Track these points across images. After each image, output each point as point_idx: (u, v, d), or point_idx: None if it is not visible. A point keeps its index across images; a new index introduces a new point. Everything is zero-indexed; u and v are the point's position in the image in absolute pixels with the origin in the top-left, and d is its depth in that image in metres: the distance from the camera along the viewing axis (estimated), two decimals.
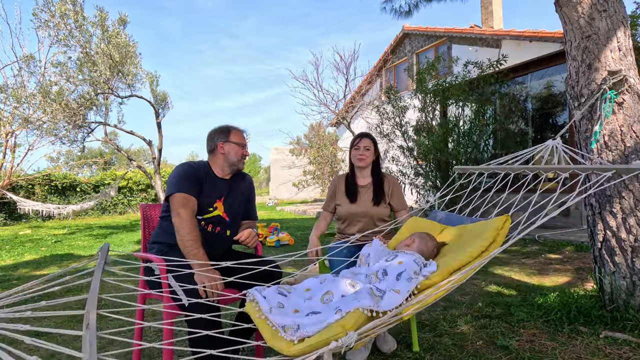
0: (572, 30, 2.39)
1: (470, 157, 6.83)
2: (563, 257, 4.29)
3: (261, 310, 1.27)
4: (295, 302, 1.34)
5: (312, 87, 14.25)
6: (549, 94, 7.66)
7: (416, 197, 7.59)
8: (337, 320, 1.13)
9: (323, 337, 1.07)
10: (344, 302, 1.24)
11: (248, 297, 1.38)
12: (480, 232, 1.49)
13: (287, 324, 1.18)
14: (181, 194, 1.83)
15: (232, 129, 2.06)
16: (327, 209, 2.50)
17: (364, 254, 1.68)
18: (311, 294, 1.40)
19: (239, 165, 2.05)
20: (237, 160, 2.03)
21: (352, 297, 1.26)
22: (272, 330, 1.19)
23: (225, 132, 2.04)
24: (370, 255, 1.65)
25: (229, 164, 2.02)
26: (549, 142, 2.02)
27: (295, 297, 1.38)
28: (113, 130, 10.64)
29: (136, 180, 15.47)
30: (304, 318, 1.21)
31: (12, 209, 11.83)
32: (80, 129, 9.01)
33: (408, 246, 1.65)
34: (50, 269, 4.68)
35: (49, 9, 7.82)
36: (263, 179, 40.41)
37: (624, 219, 2.20)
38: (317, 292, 1.39)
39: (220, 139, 2.02)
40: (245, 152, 2.07)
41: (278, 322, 1.20)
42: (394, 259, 1.48)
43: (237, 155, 2.02)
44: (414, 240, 1.67)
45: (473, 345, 2.08)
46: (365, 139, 2.40)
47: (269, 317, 1.23)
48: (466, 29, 9.24)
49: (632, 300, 2.17)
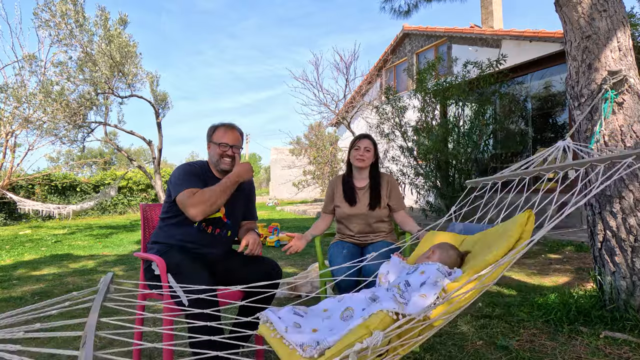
0: (572, 30, 2.39)
1: (470, 157, 6.83)
2: (563, 257, 4.29)
3: (276, 330, 1.18)
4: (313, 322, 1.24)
5: (312, 87, 14.27)
6: (549, 94, 7.66)
7: (416, 197, 7.58)
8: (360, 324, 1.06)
9: (345, 343, 0.99)
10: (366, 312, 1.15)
11: (262, 319, 1.28)
12: (504, 231, 1.41)
13: (305, 342, 1.08)
14: (187, 190, 1.79)
15: (217, 127, 1.97)
16: (326, 211, 2.49)
17: (383, 272, 1.57)
18: (329, 314, 1.30)
19: (220, 165, 1.94)
20: (215, 160, 1.94)
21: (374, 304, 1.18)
22: (290, 349, 1.10)
23: (210, 131, 1.98)
24: (389, 273, 1.55)
25: (213, 165, 1.97)
26: (559, 143, 2.02)
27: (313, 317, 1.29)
28: (113, 130, 10.66)
29: (136, 180, 15.48)
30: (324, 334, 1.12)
31: (12, 209, 11.82)
32: (80, 129, 9.01)
33: (428, 258, 1.55)
34: (50, 269, 4.68)
35: (49, 8, 7.82)
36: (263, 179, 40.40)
37: (624, 219, 2.20)
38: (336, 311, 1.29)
39: (207, 139, 1.98)
40: (224, 152, 1.92)
41: (295, 341, 1.10)
42: (416, 271, 1.39)
43: (215, 155, 1.93)
44: (434, 252, 1.57)
45: (473, 345, 2.08)
46: (366, 140, 2.39)
47: (284, 336, 1.14)
48: (466, 29, 9.23)
49: (632, 300, 2.17)
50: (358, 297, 1.32)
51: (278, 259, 4.79)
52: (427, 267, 1.38)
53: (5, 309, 3.06)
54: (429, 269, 1.35)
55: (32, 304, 3.49)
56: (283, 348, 1.11)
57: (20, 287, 3.76)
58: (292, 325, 1.20)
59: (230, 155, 1.94)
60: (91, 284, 3.82)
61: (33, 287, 3.71)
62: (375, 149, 2.41)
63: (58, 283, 3.87)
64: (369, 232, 2.36)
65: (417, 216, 7.87)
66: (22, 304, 3.19)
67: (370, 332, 0.99)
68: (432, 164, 7.12)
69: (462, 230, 1.88)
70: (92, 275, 4.21)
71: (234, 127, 1.99)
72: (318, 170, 16.63)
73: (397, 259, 1.65)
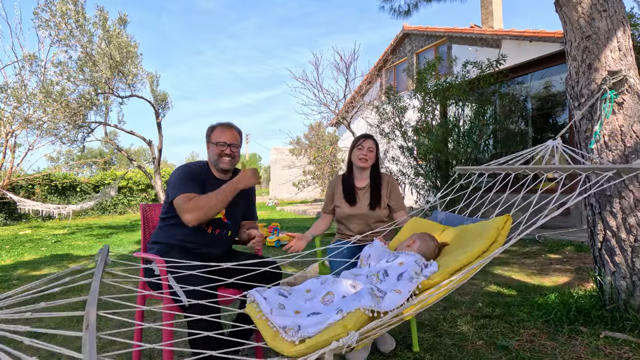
0: (572, 30, 2.39)
1: (470, 157, 6.83)
2: (563, 257, 4.29)
3: (262, 311, 1.27)
4: (296, 304, 1.34)
5: (312, 87, 14.26)
6: (549, 94, 7.66)
7: (416, 197, 7.58)
8: (338, 320, 1.13)
9: (324, 337, 1.07)
10: (344, 302, 1.24)
11: (248, 299, 1.37)
12: (481, 232, 1.49)
13: (287, 325, 1.17)
14: (184, 194, 1.80)
15: (215, 127, 1.98)
16: (326, 211, 2.49)
17: (365, 255, 1.67)
18: (312, 295, 1.39)
19: (220, 165, 1.95)
20: (214, 160, 1.95)
21: (353, 297, 1.26)
22: (273, 331, 1.18)
23: (209, 131, 1.99)
24: (370, 256, 1.64)
25: (213, 165, 1.99)
26: (549, 143, 2.03)
27: (296, 298, 1.38)
28: (113, 130, 10.66)
29: (136, 180, 15.47)
30: (305, 319, 1.21)
31: (12, 209, 11.83)
32: (80, 129, 9.01)
33: (409, 247, 1.64)
34: (50, 269, 4.68)
35: (49, 8, 7.82)
36: (263, 179, 40.39)
37: (624, 219, 2.20)
38: (318, 293, 1.38)
39: (206, 139, 2.00)
40: (223, 151, 1.93)
41: (279, 323, 1.19)
42: (395, 260, 1.48)
43: (214, 155, 1.94)
44: (414, 241, 1.66)
45: (473, 345, 2.08)
46: (370, 140, 2.39)
47: (269, 318, 1.23)
48: (466, 29, 9.23)
49: (632, 300, 2.17)
50: (339, 282, 1.40)
51: None
52: (406, 257, 1.46)
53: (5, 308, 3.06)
54: (408, 261, 1.42)
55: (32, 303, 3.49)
56: (267, 330, 1.19)
57: (20, 287, 3.76)
58: (277, 306, 1.29)
59: (229, 154, 1.95)
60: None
61: None
62: (377, 150, 2.42)
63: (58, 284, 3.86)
64: (368, 232, 2.36)
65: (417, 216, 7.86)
66: (22, 304, 3.19)
67: (347, 332, 1.05)
68: (432, 164, 7.12)
69: (444, 220, 1.94)
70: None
71: (231, 125, 2.00)
72: (318, 170, 16.63)
73: (380, 242, 1.75)
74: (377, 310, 1.15)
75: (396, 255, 1.54)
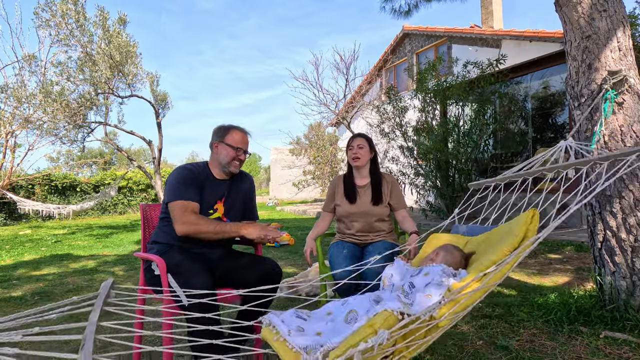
0: (572, 30, 2.39)
1: (471, 157, 6.83)
2: (563, 257, 4.29)
3: (279, 332, 1.17)
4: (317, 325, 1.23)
5: (312, 87, 14.24)
6: (549, 94, 7.66)
7: (416, 197, 7.58)
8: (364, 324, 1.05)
9: (350, 343, 0.98)
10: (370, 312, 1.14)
11: (264, 323, 1.26)
12: (508, 230, 1.39)
13: (309, 345, 1.07)
14: (180, 202, 1.80)
15: (232, 129, 1.98)
16: (327, 210, 2.51)
17: (387, 275, 1.54)
18: (333, 317, 1.28)
19: (229, 168, 1.95)
20: (226, 162, 1.94)
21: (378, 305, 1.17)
22: (293, 352, 1.08)
23: (223, 131, 1.98)
24: (393, 276, 1.53)
25: (220, 166, 1.97)
26: (562, 143, 2.03)
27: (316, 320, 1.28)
28: (113, 130, 10.66)
29: (136, 180, 15.48)
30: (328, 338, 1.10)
31: (12, 209, 11.83)
32: (80, 129, 9.01)
33: (432, 260, 1.52)
34: (50, 269, 4.68)
35: (50, 8, 7.82)
36: (263, 179, 40.41)
37: (624, 219, 2.20)
38: (340, 314, 1.27)
39: (217, 138, 1.97)
40: (237, 156, 1.95)
41: (299, 344, 1.09)
42: (420, 273, 1.38)
43: (227, 157, 1.93)
44: (437, 254, 1.55)
45: (473, 345, 2.08)
46: (358, 138, 2.42)
47: (287, 339, 1.13)
48: (466, 29, 9.23)
49: (632, 300, 2.17)
50: (362, 299, 1.30)
51: (278, 259, 4.79)
52: (431, 268, 1.36)
53: (5, 309, 3.06)
54: (433, 271, 1.33)
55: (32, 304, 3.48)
56: (287, 351, 1.09)
57: (20, 287, 3.76)
58: (295, 328, 1.18)
59: (242, 160, 1.98)
60: (91, 284, 3.82)
61: (33, 287, 3.71)
62: (371, 146, 2.42)
63: (58, 283, 3.87)
64: (369, 231, 2.36)
65: (417, 216, 7.87)
66: (22, 303, 3.19)
67: (375, 331, 0.98)
68: (432, 164, 7.12)
69: (466, 232, 1.86)
70: (92, 275, 4.21)
71: (247, 131, 2.03)
72: (318, 170, 16.63)
73: (401, 261, 1.62)
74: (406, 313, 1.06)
75: (420, 269, 1.43)
